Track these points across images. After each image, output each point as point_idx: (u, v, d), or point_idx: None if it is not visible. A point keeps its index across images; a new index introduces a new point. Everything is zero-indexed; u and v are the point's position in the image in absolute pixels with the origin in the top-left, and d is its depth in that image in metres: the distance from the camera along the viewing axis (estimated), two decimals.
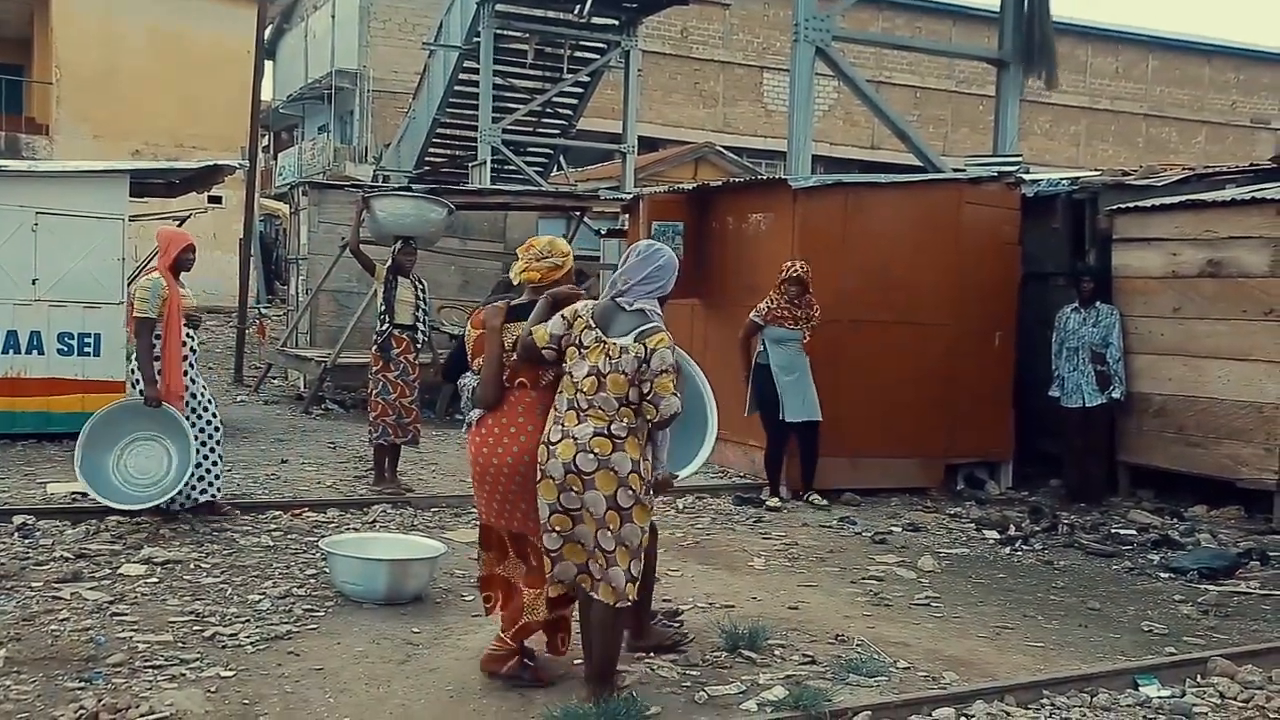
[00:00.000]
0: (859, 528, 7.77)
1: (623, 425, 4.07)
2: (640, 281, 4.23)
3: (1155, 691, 4.61)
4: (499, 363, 4.31)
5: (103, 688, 4.21)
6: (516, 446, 4.28)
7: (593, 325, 4.15)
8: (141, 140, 23.12)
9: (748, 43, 31.11)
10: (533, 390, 4.33)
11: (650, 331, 4.10)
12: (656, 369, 4.04)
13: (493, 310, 4.41)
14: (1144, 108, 34.96)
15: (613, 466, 4.04)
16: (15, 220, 9.43)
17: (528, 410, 4.31)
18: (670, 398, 4.05)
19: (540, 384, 4.33)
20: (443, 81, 19.09)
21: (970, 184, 9.51)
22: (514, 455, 4.27)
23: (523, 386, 4.33)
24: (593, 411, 4.08)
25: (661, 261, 4.26)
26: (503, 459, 4.29)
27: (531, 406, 4.31)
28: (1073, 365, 8.91)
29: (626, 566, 4.09)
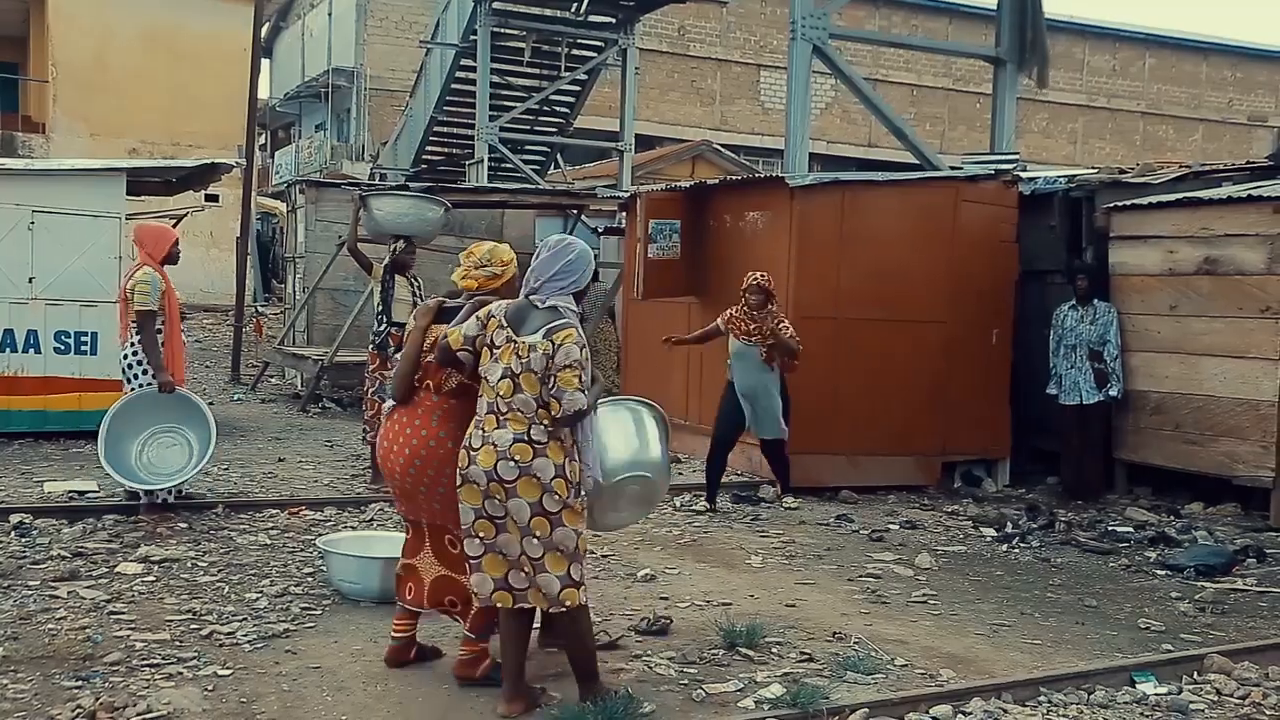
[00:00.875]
0: (856, 525, 7.78)
1: (542, 429, 3.98)
2: (552, 278, 4.09)
3: (1152, 688, 4.62)
4: (414, 361, 4.31)
5: (100, 686, 4.21)
6: (409, 448, 4.29)
7: (504, 325, 4.06)
8: (138, 138, 23.11)
9: (745, 41, 31.10)
10: (435, 394, 4.31)
11: (559, 327, 3.99)
12: (560, 364, 3.94)
13: (422, 308, 4.42)
14: (1141, 105, 34.97)
15: (535, 473, 3.96)
16: (12, 219, 9.42)
17: (426, 413, 4.31)
18: (574, 393, 3.93)
19: (443, 388, 4.30)
20: (440, 79, 19.06)
21: (967, 182, 9.51)
22: (405, 457, 4.29)
23: (427, 389, 4.33)
24: (511, 415, 4.00)
25: (572, 256, 4.11)
26: (397, 456, 4.33)
27: (431, 410, 4.31)
28: (1070, 363, 8.91)
29: (564, 571, 4.01)
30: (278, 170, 32.00)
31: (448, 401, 4.29)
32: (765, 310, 7.83)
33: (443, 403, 4.30)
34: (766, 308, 7.83)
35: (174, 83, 23.19)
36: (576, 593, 4.06)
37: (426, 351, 4.29)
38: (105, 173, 10.08)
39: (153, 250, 7.04)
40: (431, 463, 4.25)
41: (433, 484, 4.28)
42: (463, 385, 4.27)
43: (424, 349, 4.30)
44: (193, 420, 7.01)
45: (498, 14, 17.35)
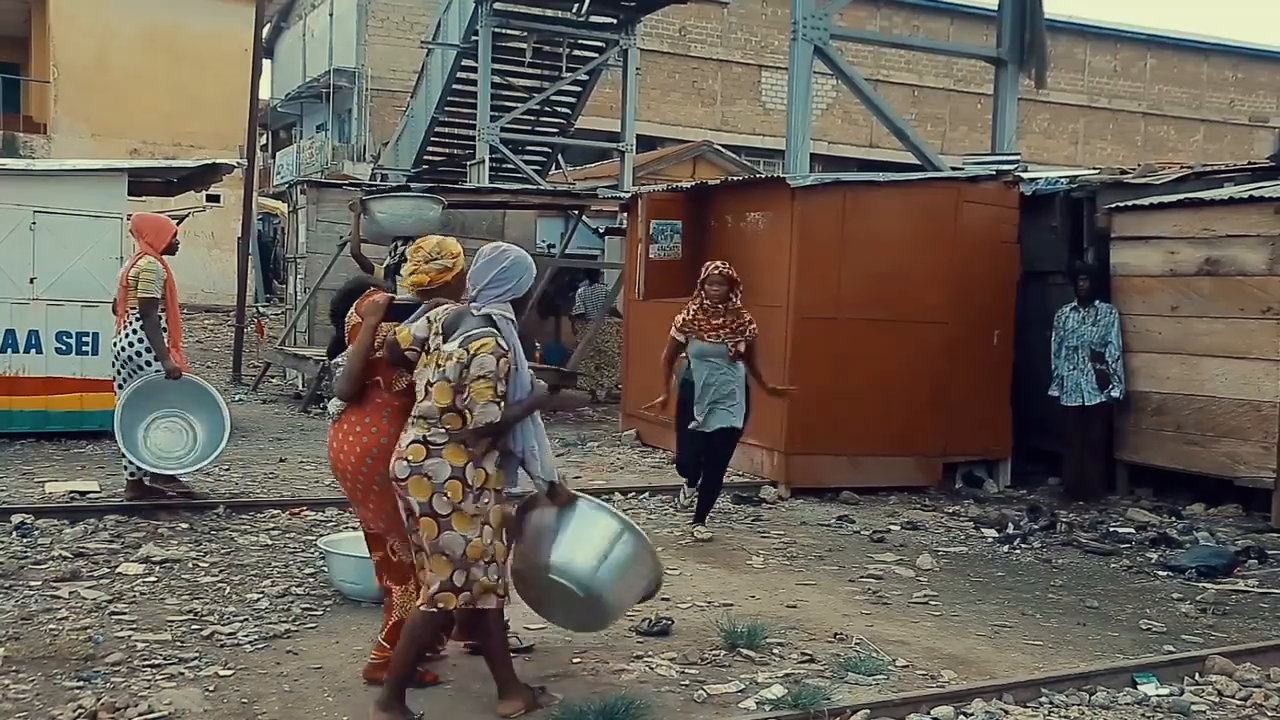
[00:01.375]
0: (857, 526, 7.78)
1: (442, 432, 3.94)
2: (488, 285, 4.03)
3: (1154, 690, 4.62)
4: (363, 358, 4.21)
5: (101, 687, 4.21)
6: (360, 447, 4.22)
7: (439, 331, 4.02)
8: (139, 139, 23.12)
9: (746, 41, 31.10)
10: (385, 391, 4.27)
11: (476, 336, 3.92)
12: (474, 374, 3.88)
13: (372, 304, 4.32)
14: (1142, 106, 34.96)
15: (426, 473, 3.91)
16: (13, 219, 9.42)
17: (375, 411, 4.25)
18: (486, 405, 3.86)
19: (394, 387, 4.25)
20: (441, 80, 19.07)
21: (968, 183, 9.51)
22: (356, 455, 4.22)
23: (376, 385, 4.27)
24: (418, 419, 4.00)
25: (507, 263, 4.04)
26: (348, 455, 4.25)
27: (380, 407, 4.25)
28: (1072, 364, 8.91)
29: (447, 576, 3.95)
30: (279, 171, 32.01)
31: (398, 399, 4.23)
32: (728, 303, 7.10)
33: (393, 400, 4.25)
34: (729, 300, 7.09)
35: (175, 83, 23.20)
36: (452, 599, 3.97)
37: (376, 349, 4.21)
38: (106, 173, 10.08)
39: (153, 240, 7.22)
40: (384, 460, 4.15)
41: (385, 484, 4.17)
42: (413, 385, 4.22)
43: (374, 347, 4.21)
44: (196, 406, 7.24)
45: (499, 14, 17.37)
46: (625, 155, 18.73)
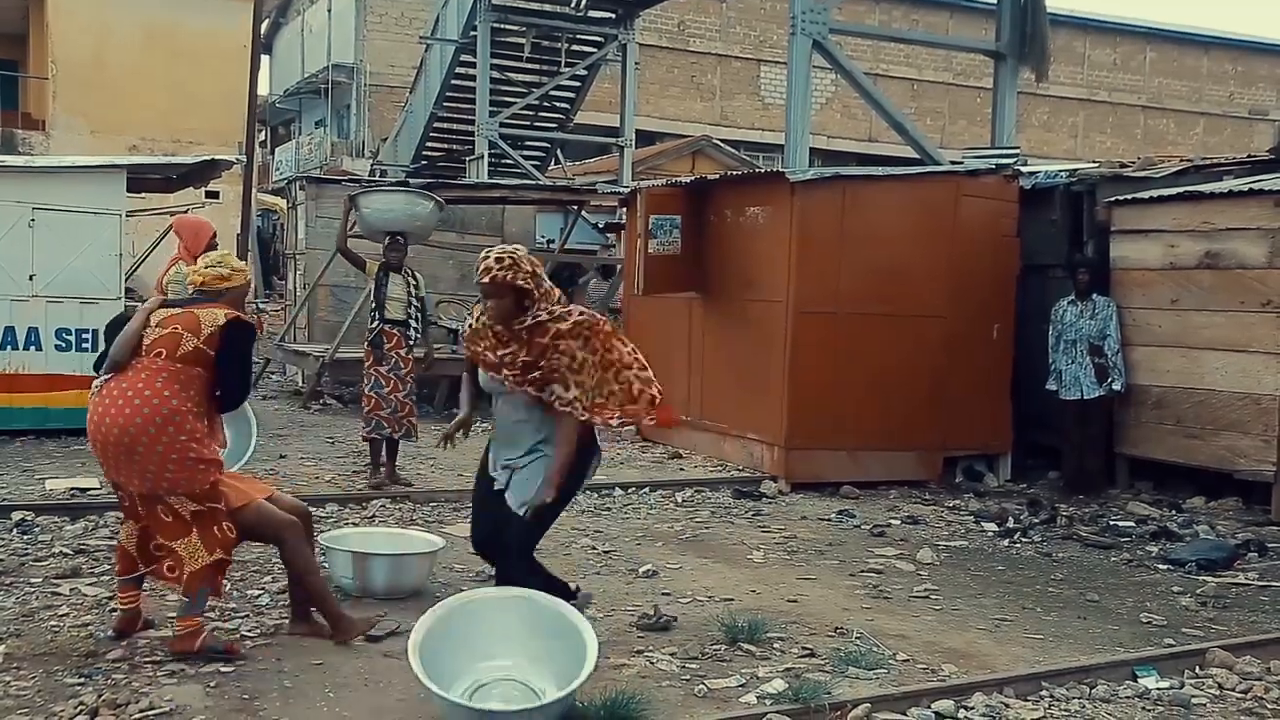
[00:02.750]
0: (858, 520, 7.78)
1: None
2: None
3: (1154, 683, 4.62)
4: (137, 336, 4.52)
5: (102, 683, 4.21)
6: (130, 408, 4.41)
7: None
8: (138, 135, 23.07)
9: (745, 36, 31.08)
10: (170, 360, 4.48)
11: None
12: None
13: (154, 301, 4.76)
14: (1142, 99, 34.94)
15: None
16: (12, 216, 9.41)
17: (150, 375, 4.46)
18: None
19: (177, 353, 4.48)
20: (440, 75, 19.05)
21: (968, 176, 9.51)
22: (125, 415, 4.40)
23: (157, 355, 4.49)
24: None
25: None
26: (116, 417, 4.41)
27: (157, 372, 4.46)
28: (1070, 358, 8.91)
29: None
30: (278, 167, 31.99)
31: (175, 365, 4.46)
32: (520, 320, 4.44)
33: (170, 365, 4.46)
34: (523, 314, 4.45)
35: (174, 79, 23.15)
36: None
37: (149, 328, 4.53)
38: (105, 170, 10.06)
39: (190, 244, 7.64)
40: (154, 421, 4.38)
41: (150, 444, 4.37)
42: (198, 352, 4.47)
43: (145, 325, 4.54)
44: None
45: (497, 9, 17.34)
46: (624, 150, 18.71)
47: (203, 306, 4.62)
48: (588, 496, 8.07)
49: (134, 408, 4.40)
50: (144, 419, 4.39)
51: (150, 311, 4.61)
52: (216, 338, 4.53)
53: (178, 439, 4.41)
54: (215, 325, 4.53)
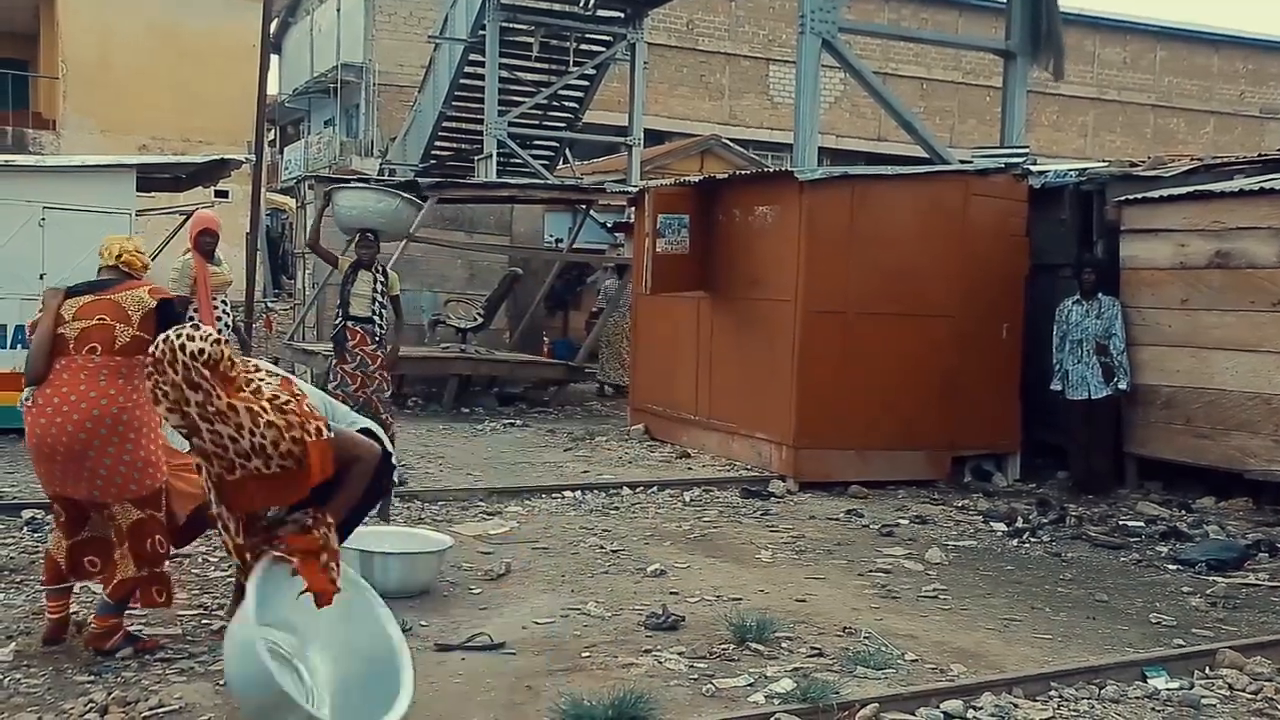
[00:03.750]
0: (866, 520, 7.77)
1: None
2: None
3: (1164, 683, 4.61)
4: (50, 337, 4.38)
5: (112, 681, 4.23)
6: (78, 412, 4.30)
7: None
8: (148, 135, 23.13)
9: (753, 35, 31.05)
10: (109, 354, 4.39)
11: None
12: None
13: (50, 291, 4.56)
14: (1152, 98, 34.84)
15: None
16: (23, 215, 9.44)
17: (91, 374, 4.36)
18: None
19: (114, 346, 4.40)
20: (448, 75, 19.07)
21: (977, 176, 9.48)
22: (75, 421, 4.28)
23: (91, 351, 4.38)
24: None
25: None
26: (64, 424, 4.29)
27: (97, 370, 4.37)
28: (1076, 357, 8.88)
29: None
30: (287, 166, 32.06)
31: (115, 359, 4.38)
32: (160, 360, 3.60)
33: (109, 360, 4.38)
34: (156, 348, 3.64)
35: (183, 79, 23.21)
36: None
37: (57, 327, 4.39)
38: (115, 169, 10.10)
39: (189, 237, 7.84)
40: (104, 422, 4.29)
41: (102, 448, 4.29)
42: (137, 340, 4.38)
43: (59, 322, 4.41)
44: None
45: (506, 9, 17.36)
46: (633, 149, 18.72)
47: (117, 290, 4.49)
48: (595, 495, 8.08)
49: (81, 412, 4.28)
50: (94, 422, 4.28)
51: (58, 306, 4.44)
52: (152, 321, 4.43)
53: (128, 437, 4.33)
54: (146, 308, 4.44)
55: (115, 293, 4.49)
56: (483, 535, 6.83)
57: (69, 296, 4.48)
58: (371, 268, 8.25)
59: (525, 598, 5.57)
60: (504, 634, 4.93)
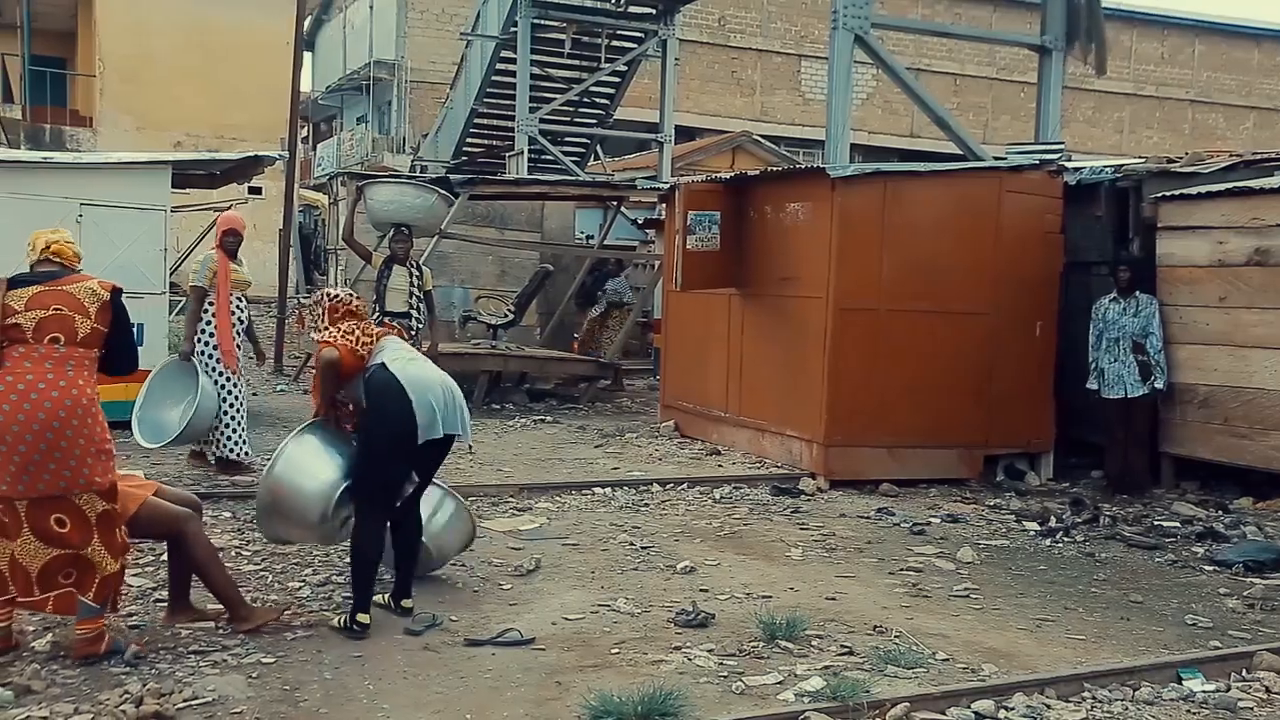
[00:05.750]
0: (897, 518, 7.73)
1: None
2: None
3: (1199, 685, 4.56)
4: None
5: (147, 673, 4.27)
6: (49, 400, 4.24)
7: None
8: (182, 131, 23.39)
9: (785, 31, 30.93)
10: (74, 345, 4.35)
11: None
12: None
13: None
14: (1190, 93, 34.42)
15: None
16: (60, 211, 9.53)
17: (58, 364, 4.31)
18: None
19: (77, 337, 4.36)
20: (480, 71, 19.13)
21: (1011, 172, 9.40)
22: (46, 411, 4.22)
23: (54, 341, 4.32)
24: None
25: None
26: (34, 413, 4.21)
27: (63, 360, 4.32)
28: (1113, 356, 8.80)
29: None
30: (319, 163, 32.27)
31: (78, 350, 4.36)
32: None
33: (74, 351, 4.35)
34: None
35: (218, 76, 23.45)
36: None
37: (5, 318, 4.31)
38: (151, 166, 10.19)
39: (216, 236, 8.13)
40: (76, 412, 4.26)
41: (74, 438, 4.25)
42: (95, 333, 4.40)
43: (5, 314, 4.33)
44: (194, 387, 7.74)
45: (538, 5, 17.38)
46: (664, 146, 18.70)
47: (67, 281, 4.44)
48: (625, 492, 8.08)
49: (54, 400, 4.23)
50: (67, 411, 4.24)
51: (9, 296, 4.35)
52: (107, 312, 4.44)
53: (94, 429, 4.32)
54: (101, 300, 4.42)
55: (66, 284, 4.43)
56: (513, 531, 6.85)
57: (12, 287, 4.39)
58: (406, 263, 8.30)
59: (555, 593, 5.58)
60: (533, 629, 4.94)
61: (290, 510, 5.00)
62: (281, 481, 4.97)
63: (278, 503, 5.00)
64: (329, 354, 5.06)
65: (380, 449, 4.94)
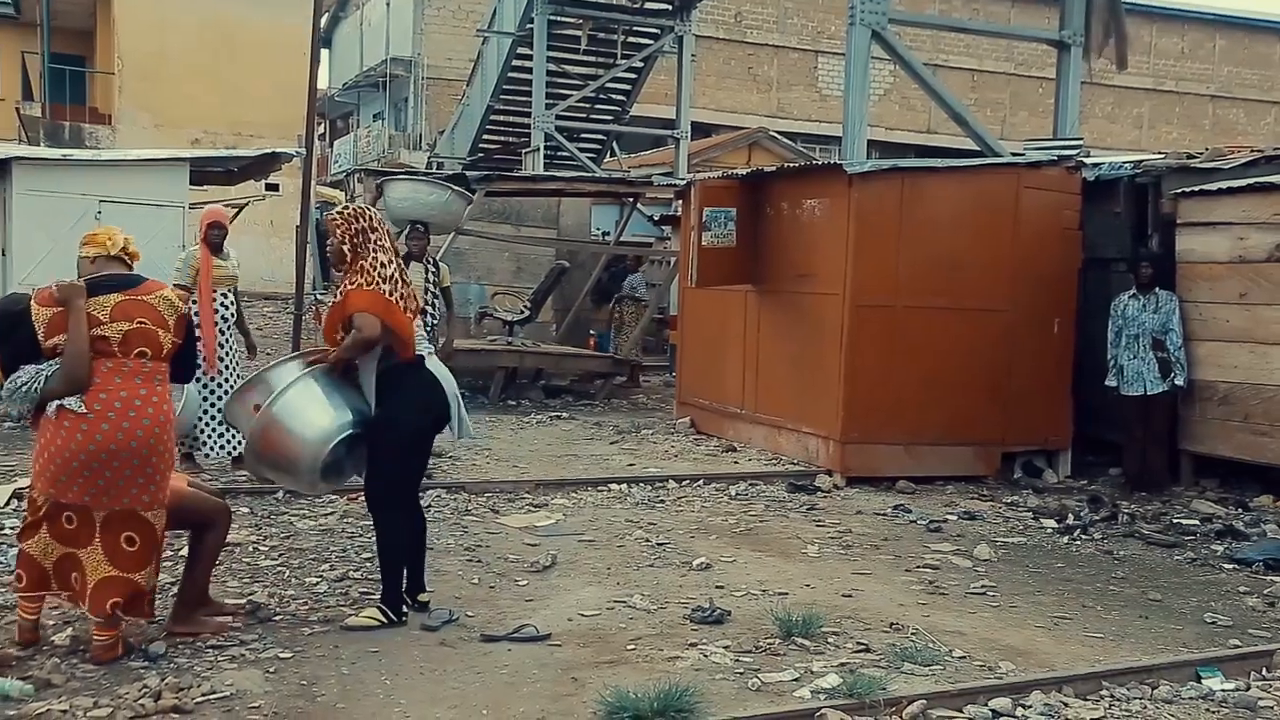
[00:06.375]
0: (914, 516, 7.70)
1: None
2: None
3: (1218, 684, 4.53)
4: (87, 341, 4.20)
5: (166, 667, 4.29)
6: (147, 418, 4.27)
7: None
8: (200, 129, 23.49)
9: (802, 26, 30.85)
10: (159, 360, 4.36)
11: None
12: None
13: (72, 287, 4.25)
14: (1211, 89, 34.17)
15: None
16: (79, 208, 9.62)
17: (148, 379, 4.33)
18: None
19: (163, 353, 4.37)
20: (496, 68, 19.15)
21: (1029, 168, 9.36)
22: (144, 429, 4.25)
23: (141, 356, 4.31)
24: None
25: None
26: (132, 431, 4.23)
27: (152, 375, 4.35)
28: (1133, 353, 8.75)
29: None
30: (336, 159, 32.38)
31: (162, 366, 4.39)
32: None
33: (159, 367, 4.37)
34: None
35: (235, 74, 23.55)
36: None
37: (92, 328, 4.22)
38: (169, 163, 10.27)
39: (200, 230, 7.87)
40: (168, 428, 4.34)
41: (164, 454, 4.34)
42: (174, 347, 4.42)
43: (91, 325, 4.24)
44: None
45: (554, 2, 17.39)
46: (680, 142, 18.68)
47: (145, 289, 4.38)
48: (641, 488, 8.08)
49: (150, 417, 4.27)
50: (161, 429, 4.30)
51: (84, 305, 4.19)
52: (184, 324, 4.45)
53: (172, 447, 4.41)
54: (179, 312, 4.41)
55: (145, 294, 4.37)
56: (529, 527, 6.86)
57: (91, 294, 4.25)
58: (423, 259, 8.31)
59: (571, 590, 5.58)
60: (549, 626, 4.95)
61: (278, 457, 4.82)
62: (278, 423, 4.71)
63: (270, 445, 4.77)
64: (372, 327, 4.70)
65: (409, 441, 4.93)
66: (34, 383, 4.21)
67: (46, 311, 4.26)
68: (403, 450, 4.91)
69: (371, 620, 4.84)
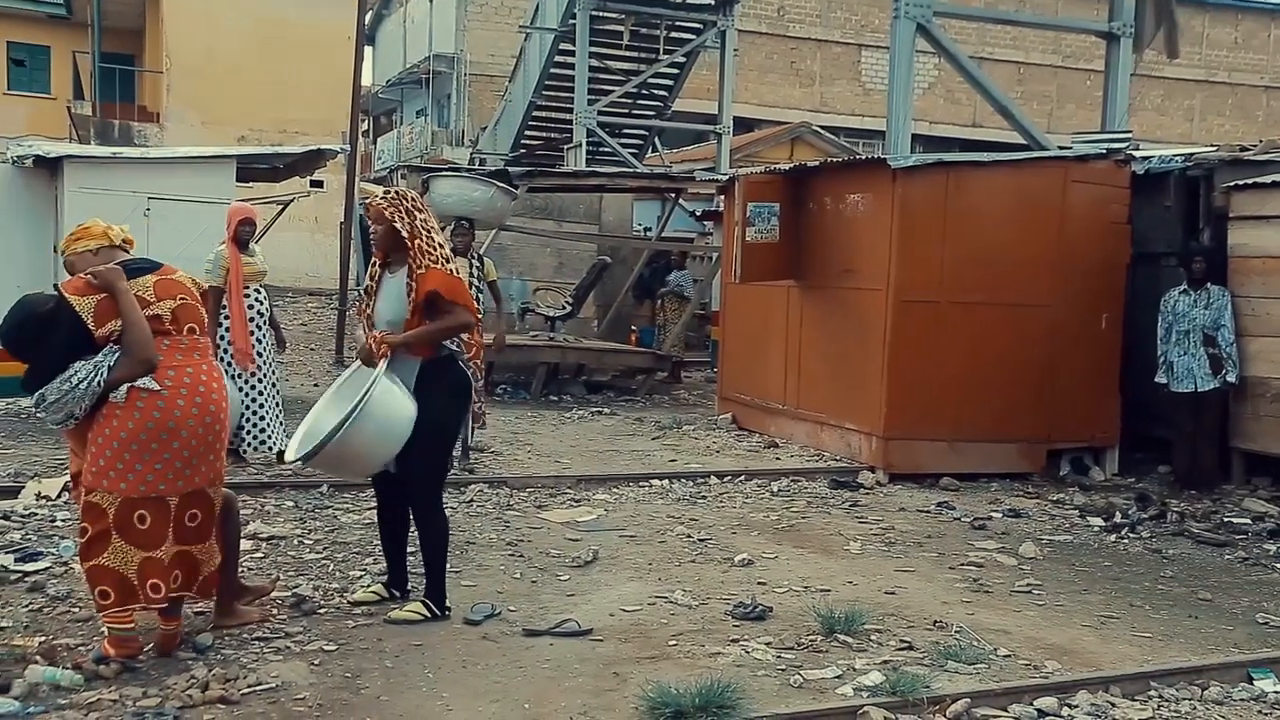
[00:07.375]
0: (958, 513, 7.64)
1: None
2: None
3: (1271, 685, 4.45)
4: (144, 319, 4.15)
5: (213, 659, 4.35)
6: (216, 393, 4.32)
7: None
8: (246, 126, 23.75)
9: (845, 20, 30.64)
10: (202, 336, 4.41)
11: None
12: None
13: (112, 270, 4.20)
14: (1264, 79, 33.52)
15: None
16: (129, 205, 9.75)
17: (204, 353, 4.39)
18: None
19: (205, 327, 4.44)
20: (539, 64, 19.19)
21: (1077, 162, 9.23)
22: (215, 404, 4.31)
23: (191, 332, 4.34)
24: None
25: None
26: (208, 408, 4.28)
27: (206, 349, 4.42)
28: (1183, 349, 8.61)
29: None
30: (380, 156, 32.61)
31: (207, 341, 4.46)
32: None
33: (207, 342, 4.45)
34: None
35: (281, 71, 23.80)
36: None
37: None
38: (216, 160, 10.39)
39: (229, 227, 7.84)
40: (226, 405, 4.41)
41: (223, 430, 4.40)
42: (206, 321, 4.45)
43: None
44: None
45: None
46: (722, 137, 18.62)
47: (167, 270, 4.46)
48: (683, 484, 8.07)
49: (217, 392, 4.33)
50: (224, 400, 4.38)
51: (130, 287, 4.18)
52: (207, 301, 4.66)
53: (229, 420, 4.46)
54: (202, 289, 4.55)
55: (171, 274, 4.44)
56: (570, 522, 6.88)
57: (130, 276, 4.24)
58: (467, 255, 8.35)
59: (612, 585, 5.59)
60: (591, 621, 4.95)
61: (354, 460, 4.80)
62: (365, 436, 4.57)
63: (357, 447, 4.63)
64: (470, 311, 4.85)
65: (454, 437, 5.08)
66: (96, 375, 4.07)
67: (88, 301, 4.14)
68: (450, 448, 4.98)
69: (415, 614, 4.87)
